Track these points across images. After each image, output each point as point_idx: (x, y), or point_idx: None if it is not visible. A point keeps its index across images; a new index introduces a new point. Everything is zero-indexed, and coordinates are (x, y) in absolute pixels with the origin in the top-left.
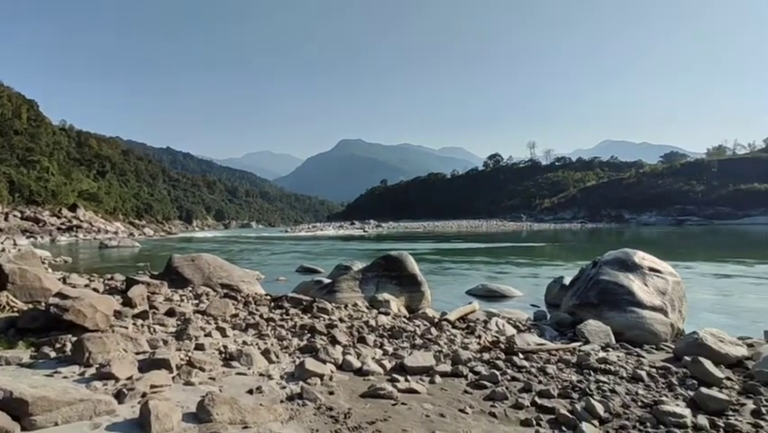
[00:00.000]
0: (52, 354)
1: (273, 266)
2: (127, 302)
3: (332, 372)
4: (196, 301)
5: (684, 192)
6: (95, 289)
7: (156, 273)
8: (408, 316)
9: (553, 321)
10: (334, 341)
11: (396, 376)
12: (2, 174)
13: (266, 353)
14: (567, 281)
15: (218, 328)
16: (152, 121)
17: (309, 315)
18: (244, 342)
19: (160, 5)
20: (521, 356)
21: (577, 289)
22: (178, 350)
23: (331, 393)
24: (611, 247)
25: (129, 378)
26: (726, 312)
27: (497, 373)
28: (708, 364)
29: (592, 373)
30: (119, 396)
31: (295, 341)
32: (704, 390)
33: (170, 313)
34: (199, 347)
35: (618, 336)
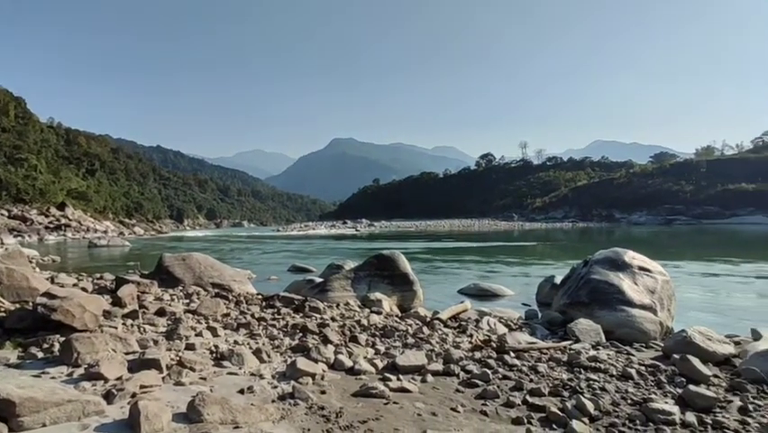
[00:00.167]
0: (40, 354)
1: (265, 265)
2: (117, 302)
3: (324, 371)
4: (186, 301)
5: (674, 192)
6: (83, 288)
7: (146, 273)
8: (400, 315)
9: (545, 320)
10: (326, 340)
11: (388, 375)
12: None
13: (257, 352)
14: (558, 281)
15: (209, 328)
16: (142, 119)
17: (301, 314)
18: (235, 341)
19: (156, 4)
20: (512, 355)
21: (568, 288)
22: (169, 350)
23: (323, 393)
24: (602, 246)
25: (118, 378)
26: (713, 311)
27: (488, 372)
28: (696, 362)
29: (583, 372)
30: (108, 396)
31: (286, 340)
32: (692, 387)
33: (161, 313)
34: (190, 347)
35: (609, 335)
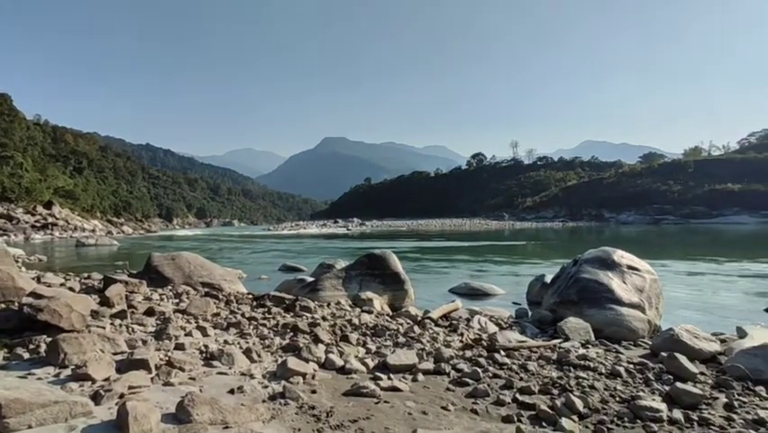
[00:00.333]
0: (26, 355)
1: (255, 265)
2: (105, 302)
3: (314, 370)
4: (176, 300)
5: (662, 192)
6: (71, 288)
7: (135, 272)
8: (391, 314)
9: (535, 319)
10: (317, 340)
11: (378, 374)
12: None
13: (248, 352)
14: (548, 279)
15: (199, 328)
16: (131, 117)
17: (292, 313)
18: (226, 341)
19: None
20: (503, 353)
21: (558, 287)
22: (158, 350)
23: (313, 392)
24: (591, 245)
25: (106, 379)
26: (700, 309)
27: (479, 371)
28: (683, 360)
29: (572, 370)
30: (96, 397)
31: (277, 340)
32: (679, 385)
33: (149, 312)
34: (179, 347)
35: (598, 333)
